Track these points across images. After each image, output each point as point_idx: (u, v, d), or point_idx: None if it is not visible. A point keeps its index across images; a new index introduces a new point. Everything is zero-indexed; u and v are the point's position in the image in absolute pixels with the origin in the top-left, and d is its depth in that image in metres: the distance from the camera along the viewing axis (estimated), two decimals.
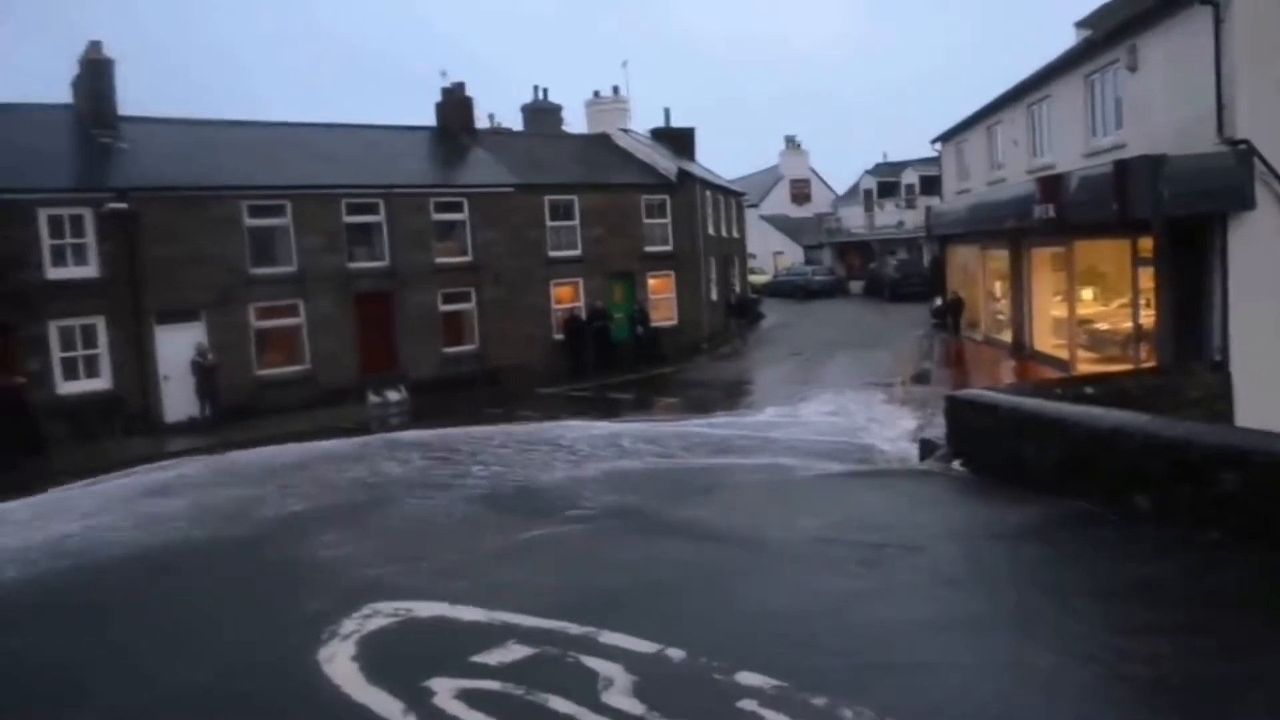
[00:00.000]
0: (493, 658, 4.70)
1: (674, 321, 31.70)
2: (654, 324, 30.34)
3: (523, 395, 23.52)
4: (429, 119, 31.94)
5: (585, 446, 12.68)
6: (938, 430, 10.33)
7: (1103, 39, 17.66)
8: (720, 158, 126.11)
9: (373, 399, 24.27)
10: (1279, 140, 13.36)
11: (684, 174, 32.74)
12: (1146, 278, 15.11)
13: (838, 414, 16.08)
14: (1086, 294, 18.42)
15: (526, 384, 25.11)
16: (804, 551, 6.75)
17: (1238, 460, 6.36)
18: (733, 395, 22.41)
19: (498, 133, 34.16)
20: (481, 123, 33.77)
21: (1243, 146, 13.26)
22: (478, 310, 27.12)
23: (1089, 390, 12.02)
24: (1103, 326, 17.71)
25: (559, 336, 28.32)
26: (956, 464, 9.33)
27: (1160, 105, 15.15)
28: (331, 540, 7.70)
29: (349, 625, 5.32)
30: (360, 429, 18.37)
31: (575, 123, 38.17)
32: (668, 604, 5.55)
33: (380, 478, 11.25)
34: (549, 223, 28.91)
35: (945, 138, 30.03)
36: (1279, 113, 13.39)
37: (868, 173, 56.29)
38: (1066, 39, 23.17)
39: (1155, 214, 13.47)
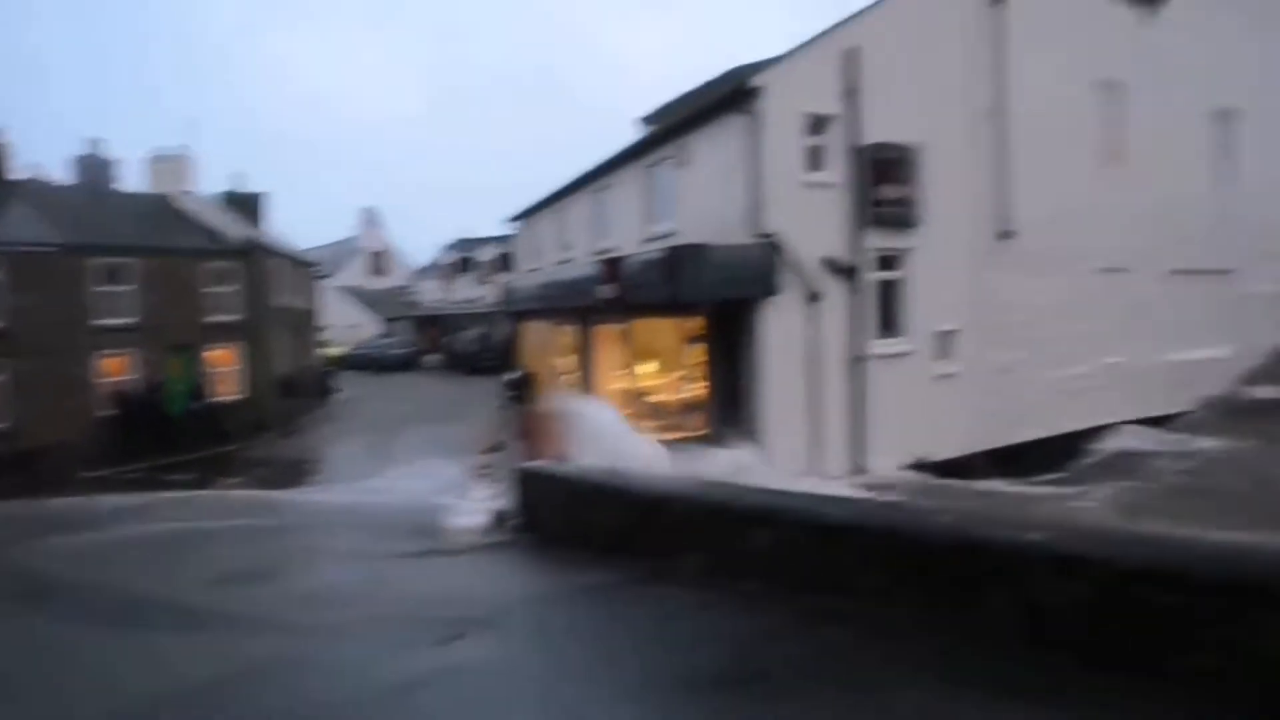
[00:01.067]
0: None
1: (240, 396, 29.87)
2: (218, 399, 28.38)
3: (64, 479, 20.92)
4: None
5: (110, 520, 11.43)
6: (510, 502, 10.49)
7: (660, 135, 19.29)
8: (296, 227, 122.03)
9: None
10: (800, 235, 15.29)
11: (252, 241, 31.23)
12: (697, 353, 16.52)
13: (412, 488, 15.87)
14: (647, 368, 19.67)
15: (70, 466, 22.40)
16: (372, 634, 6.50)
17: (769, 518, 7.01)
18: (302, 472, 21.43)
19: (40, 185, 30.48)
20: (22, 173, 29.94)
21: (771, 239, 15.01)
22: (10, 384, 23.91)
23: None
24: (661, 398, 18.98)
25: (110, 413, 25.64)
26: (527, 534, 9.50)
27: (706, 198, 16.76)
28: None
29: None
30: None
31: (136, 184, 34.98)
32: (216, 706, 5.07)
33: None
34: (99, 287, 26.27)
35: (521, 217, 31.16)
36: (801, 211, 15.37)
37: (448, 247, 56.99)
38: (631, 133, 25.03)
39: (701, 296, 14.79)
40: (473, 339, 49.04)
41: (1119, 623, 5.08)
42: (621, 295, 17.08)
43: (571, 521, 8.90)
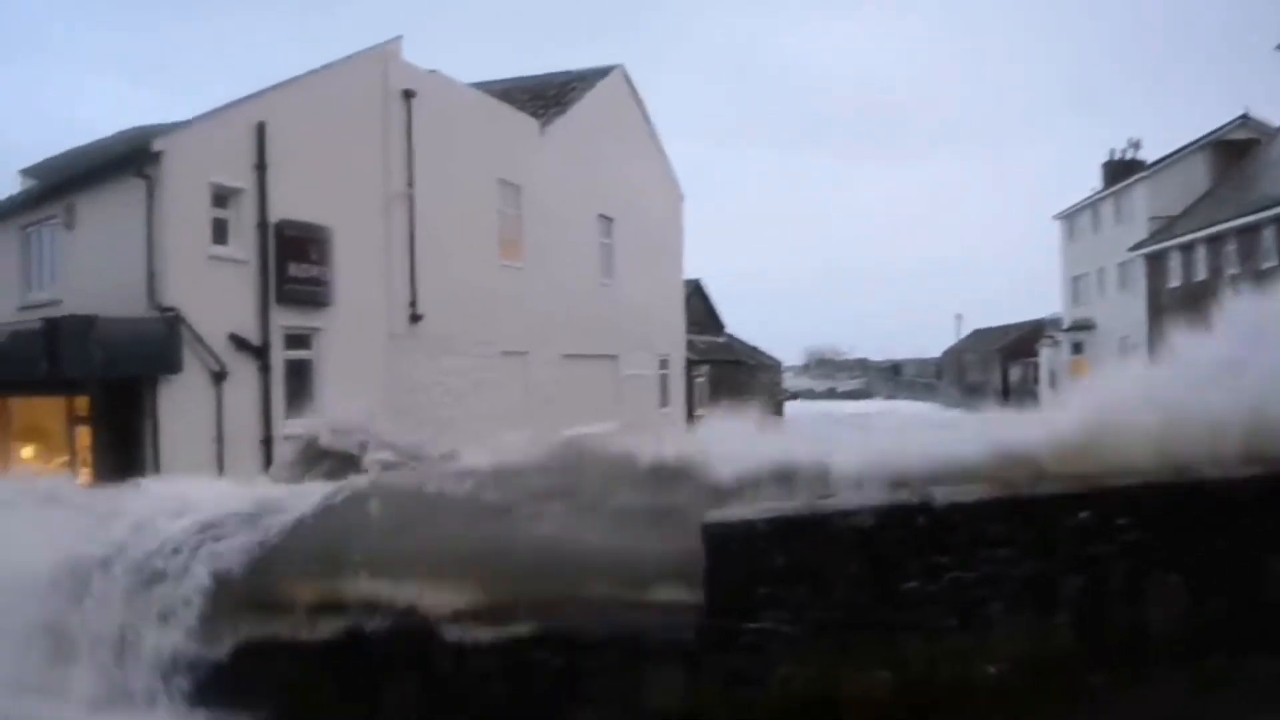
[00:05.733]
0: None
1: None
2: None
3: None
4: None
5: None
6: None
7: (42, 192, 17.35)
8: None
9: None
10: (203, 310, 14.58)
11: None
12: (85, 435, 14.93)
13: None
14: (26, 452, 17.45)
15: None
16: None
17: None
18: None
19: None
20: None
21: (171, 314, 14.10)
22: None
23: None
24: None
25: None
26: None
27: (98, 266, 15.31)
28: None
29: None
30: None
31: None
32: None
33: None
34: None
35: None
36: (203, 285, 14.67)
37: None
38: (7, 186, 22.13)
39: (87, 374, 13.45)
40: None
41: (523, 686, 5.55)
42: None
43: None
